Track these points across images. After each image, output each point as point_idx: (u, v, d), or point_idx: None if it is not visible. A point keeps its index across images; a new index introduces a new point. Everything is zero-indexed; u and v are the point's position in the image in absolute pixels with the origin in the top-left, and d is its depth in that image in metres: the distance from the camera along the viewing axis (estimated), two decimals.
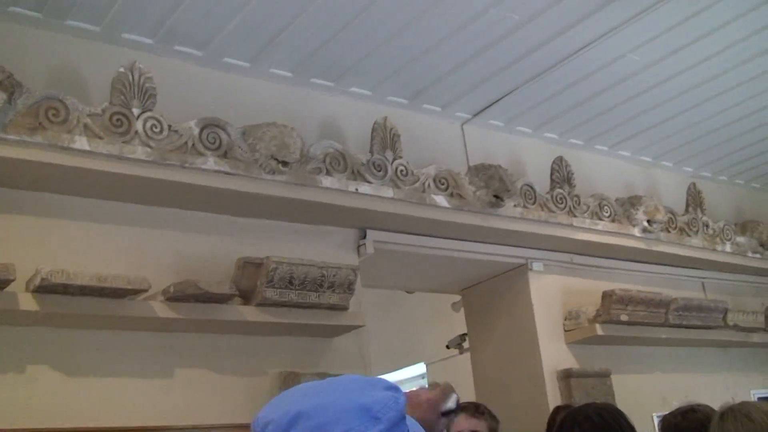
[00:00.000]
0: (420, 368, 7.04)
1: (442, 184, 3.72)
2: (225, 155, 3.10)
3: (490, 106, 4.17)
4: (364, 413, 1.07)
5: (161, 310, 2.89)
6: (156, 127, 2.95)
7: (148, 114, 2.95)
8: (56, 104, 2.75)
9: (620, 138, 4.76)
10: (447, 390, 1.53)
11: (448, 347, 5.92)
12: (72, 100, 2.79)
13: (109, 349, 2.91)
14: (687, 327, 4.61)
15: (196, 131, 3.04)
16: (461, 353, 5.69)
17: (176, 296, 2.89)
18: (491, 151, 4.28)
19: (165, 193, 3.06)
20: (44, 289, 2.63)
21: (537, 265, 4.36)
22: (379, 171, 3.53)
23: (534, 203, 4.07)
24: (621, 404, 3.92)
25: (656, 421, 4.41)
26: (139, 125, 2.91)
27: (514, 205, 3.96)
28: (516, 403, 4.26)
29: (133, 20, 3.12)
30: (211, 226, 3.27)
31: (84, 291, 2.69)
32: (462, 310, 4.88)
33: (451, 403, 1.54)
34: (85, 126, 2.80)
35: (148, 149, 2.91)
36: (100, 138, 2.82)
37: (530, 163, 4.45)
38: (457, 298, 5.03)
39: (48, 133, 2.71)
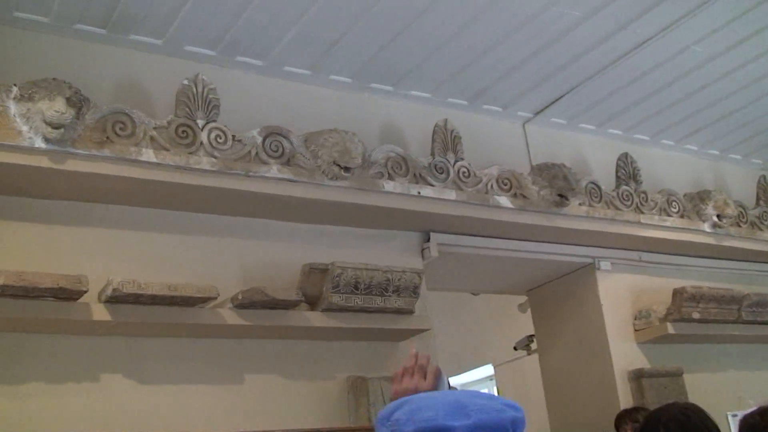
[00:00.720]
0: (488, 370, 7.02)
1: (505, 185, 3.70)
2: (288, 163, 3.13)
3: (551, 104, 4.13)
4: (459, 409, 1.20)
5: (230, 317, 2.93)
6: (220, 138, 2.99)
7: (213, 125, 2.99)
8: (123, 118, 2.82)
9: (686, 132, 4.67)
10: (437, 374, 1.54)
11: (515, 348, 5.89)
12: (138, 114, 2.86)
13: (179, 357, 2.96)
14: (761, 323, 4.49)
15: (259, 140, 3.08)
16: (529, 354, 5.66)
17: (244, 303, 2.93)
18: (554, 150, 4.24)
19: (230, 201, 3.10)
20: (116, 299, 2.69)
21: (605, 264, 4.30)
22: (441, 173, 3.52)
23: (600, 201, 4.02)
24: (695, 402, 3.85)
25: (731, 420, 4.32)
26: (203, 136, 2.96)
27: (580, 204, 3.92)
28: (586, 405, 4.21)
29: (194, 33, 3.17)
30: (276, 233, 3.31)
31: (155, 300, 2.74)
32: (528, 311, 4.84)
33: (443, 389, 1.55)
34: (152, 138, 2.85)
35: (213, 159, 2.95)
36: (167, 150, 2.87)
37: (594, 161, 4.40)
38: (524, 299, 5.00)
39: (116, 146, 2.77)
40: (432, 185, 3.48)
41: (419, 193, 3.43)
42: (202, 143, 2.95)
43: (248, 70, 3.44)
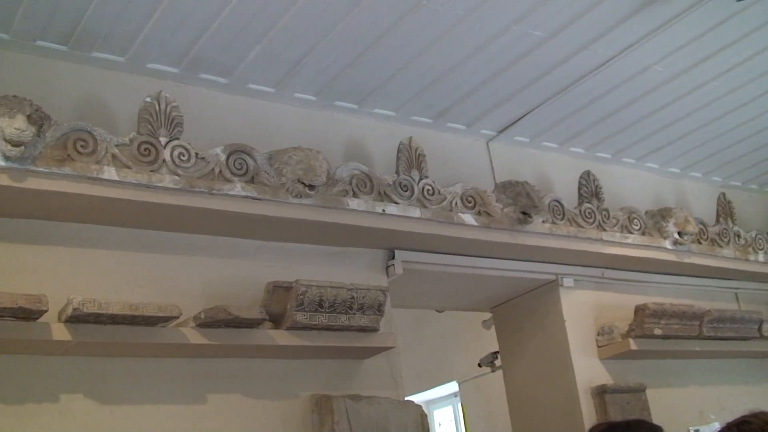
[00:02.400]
0: (452, 387, 7.02)
1: (470, 203, 3.72)
2: (252, 180, 3.12)
3: (515, 122, 4.16)
4: None
5: (192, 336, 2.90)
6: (183, 155, 2.97)
7: (176, 142, 2.98)
8: (84, 135, 2.79)
9: (647, 150, 4.73)
10: None
11: (480, 365, 5.90)
12: (100, 131, 2.83)
13: (141, 377, 2.93)
14: (722, 339, 4.55)
15: (223, 158, 3.07)
16: (493, 371, 5.66)
17: (207, 322, 2.90)
18: (518, 168, 4.27)
19: (193, 220, 3.08)
20: (76, 318, 2.65)
21: (568, 281, 4.33)
22: (406, 191, 3.53)
23: (563, 219, 4.05)
24: (657, 419, 3.89)
25: None
26: (166, 154, 2.94)
27: (543, 221, 3.94)
28: (550, 421, 4.23)
29: (157, 50, 3.16)
30: (240, 251, 3.29)
31: (116, 320, 2.71)
32: (493, 327, 4.86)
33: None
34: (114, 156, 2.83)
35: (176, 177, 2.93)
36: (129, 168, 2.85)
37: (557, 179, 4.44)
38: (488, 315, 5.01)
39: (77, 164, 2.75)
40: (396, 203, 3.48)
41: (384, 210, 3.44)
42: (164, 161, 2.93)
43: (212, 87, 3.43)
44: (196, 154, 3.01)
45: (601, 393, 4.09)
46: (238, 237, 3.28)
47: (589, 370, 4.20)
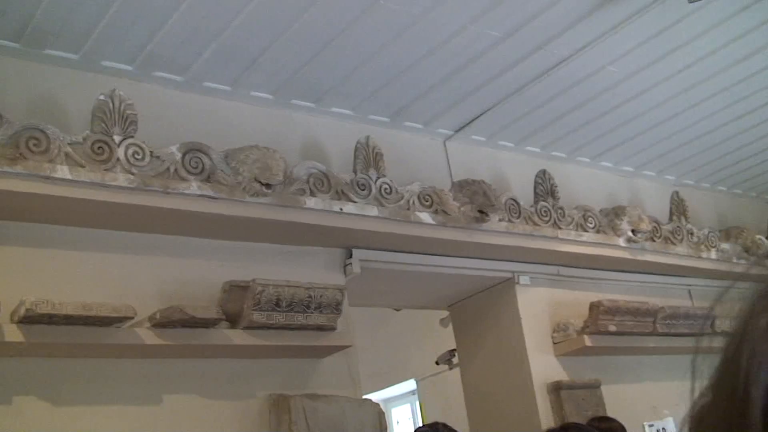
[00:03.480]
0: (410, 385, 7.04)
1: (427, 201, 3.73)
2: (208, 179, 3.10)
3: (471, 121, 4.19)
4: None
5: (148, 336, 2.88)
6: (138, 154, 2.94)
7: (130, 141, 2.94)
8: (37, 134, 2.75)
9: (602, 149, 4.79)
10: None
11: (437, 363, 5.92)
12: (53, 130, 2.79)
13: (96, 378, 2.90)
14: (675, 335, 4.62)
15: (178, 156, 3.04)
16: (451, 369, 5.70)
17: (162, 322, 2.88)
18: (474, 167, 4.30)
19: (148, 219, 3.05)
20: (29, 319, 2.61)
21: (524, 279, 4.37)
22: (363, 190, 3.53)
23: (519, 217, 4.08)
24: (612, 414, 3.94)
25: (647, 430, 4.44)
26: (120, 152, 2.91)
27: (499, 220, 3.97)
28: (507, 417, 4.26)
29: (111, 48, 3.12)
30: (195, 250, 3.27)
31: (69, 320, 2.67)
32: (450, 325, 4.88)
33: None
34: (67, 155, 2.79)
35: (131, 176, 2.90)
36: (82, 166, 2.81)
37: (514, 178, 4.47)
38: (445, 313, 5.04)
39: (29, 163, 2.70)
40: (354, 202, 3.48)
41: (341, 209, 3.44)
42: (118, 159, 2.89)
43: (167, 85, 3.40)
44: (151, 152, 2.98)
45: (556, 389, 4.13)
46: (194, 236, 3.26)
47: (544, 366, 4.24)
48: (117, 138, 2.92)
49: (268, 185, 3.16)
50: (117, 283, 3.02)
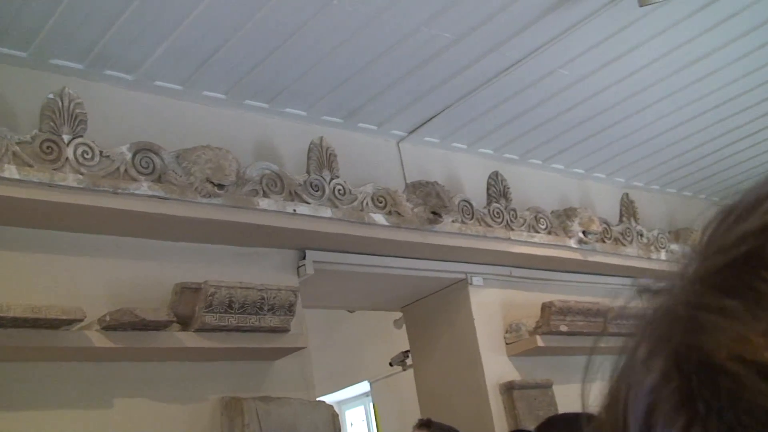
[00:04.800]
0: (364, 386, 7.03)
1: (380, 203, 3.73)
2: (159, 180, 3.06)
3: (425, 123, 4.20)
4: None
5: (97, 339, 2.84)
6: (87, 154, 2.90)
7: (79, 140, 2.90)
8: None
9: (553, 151, 4.83)
10: None
11: (391, 365, 5.93)
12: (0, 129, 2.73)
13: (45, 381, 2.85)
14: (625, 335, 4.66)
15: (129, 156, 3.00)
16: (404, 370, 5.70)
17: (112, 325, 2.84)
18: (428, 168, 4.31)
19: (98, 220, 3.01)
20: None
21: (477, 280, 4.39)
22: (317, 191, 3.52)
23: (471, 218, 4.10)
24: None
25: None
26: (69, 152, 2.86)
27: (452, 221, 3.99)
28: (460, 417, 4.27)
29: (61, 45, 3.07)
30: (146, 252, 3.23)
31: (17, 323, 2.62)
32: (404, 326, 4.89)
33: None
34: (14, 154, 2.74)
35: (80, 176, 2.86)
36: (30, 166, 2.76)
37: (467, 179, 4.49)
38: (399, 315, 5.04)
39: None
40: (307, 203, 3.47)
41: (294, 210, 3.42)
42: (68, 159, 2.85)
43: (117, 84, 3.35)
44: (101, 152, 2.94)
45: (509, 389, 4.16)
46: (144, 237, 3.22)
47: (497, 367, 4.27)
48: (66, 137, 2.87)
49: (220, 186, 3.13)
50: (66, 285, 2.97)
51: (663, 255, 5.15)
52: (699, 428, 0.39)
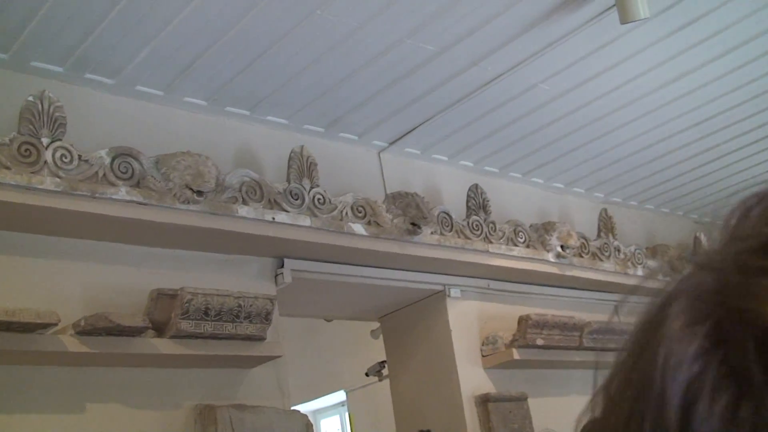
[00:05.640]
0: (340, 396, 7.02)
1: (360, 212, 3.74)
2: (138, 185, 3.05)
3: (406, 134, 4.21)
4: None
5: (71, 344, 2.82)
6: (66, 157, 2.89)
7: (58, 144, 2.89)
8: None
9: (533, 165, 4.86)
10: None
11: (367, 375, 5.92)
12: None
13: (17, 385, 2.82)
14: (601, 350, 4.69)
15: (108, 161, 2.99)
16: (380, 380, 5.70)
17: (87, 330, 2.82)
18: (408, 179, 4.32)
19: (75, 224, 2.99)
20: None
21: (454, 291, 4.40)
22: (296, 200, 3.52)
23: (451, 230, 4.11)
24: (538, 427, 3.99)
25: None
26: (48, 155, 2.84)
27: (431, 233, 4.00)
28: (435, 429, 4.27)
29: (42, 48, 3.06)
30: (123, 257, 3.21)
31: None
32: (381, 337, 4.89)
33: None
34: None
35: (58, 179, 2.84)
36: (8, 168, 2.74)
37: (447, 191, 4.51)
38: (376, 325, 5.04)
39: None
40: (287, 211, 3.47)
41: (274, 218, 3.42)
42: (46, 162, 2.83)
43: (98, 88, 3.34)
44: (80, 156, 2.92)
45: (484, 401, 4.17)
46: (122, 242, 3.20)
47: (473, 379, 4.28)
48: (45, 140, 2.86)
49: (199, 192, 3.13)
50: (41, 289, 2.95)
51: (640, 271, 5.18)
52: (750, 401, 0.37)
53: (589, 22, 3.41)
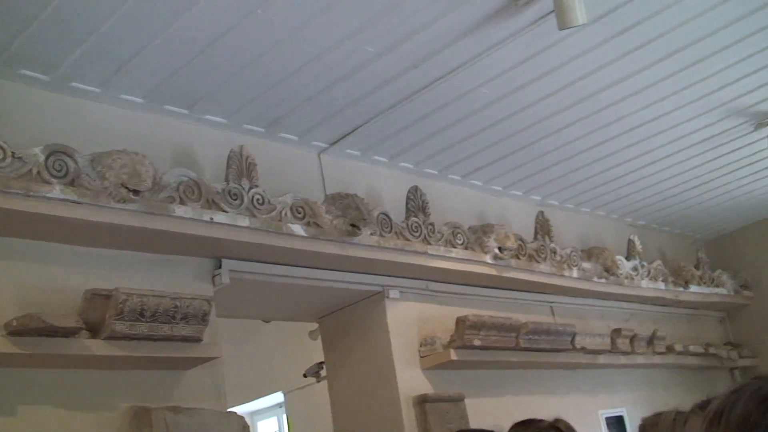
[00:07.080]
0: (278, 397, 6.99)
1: (299, 213, 3.72)
2: (72, 183, 2.99)
3: (346, 135, 4.21)
4: None
5: (3, 345, 2.75)
6: None
7: None
8: None
9: (472, 168, 4.90)
10: None
11: (305, 376, 5.90)
12: None
13: None
14: (537, 350, 4.76)
15: (42, 158, 2.93)
16: (319, 381, 5.69)
17: (19, 330, 2.76)
18: (348, 181, 4.32)
19: (8, 222, 2.92)
20: None
21: (393, 293, 4.42)
22: (235, 200, 3.49)
23: (390, 232, 4.13)
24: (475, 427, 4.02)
25: None
26: None
27: (371, 234, 4.00)
28: (373, 429, 4.28)
29: None
30: (57, 256, 3.15)
31: None
32: (319, 338, 4.88)
33: None
34: None
35: None
36: None
37: (386, 193, 4.52)
38: (315, 326, 5.03)
39: None
40: (225, 211, 3.44)
41: (212, 219, 3.39)
42: None
43: (32, 84, 3.26)
44: (13, 153, 2.85)
45: (422, 402, 4.19)
46: (56, 242, 3.14)
47: (411, 380, 4.30)
48: None
49: (135, 191, 3.08)
50: None
51: (575, 272, 5.26)
52: None
53: (528, 27, 3.46)
